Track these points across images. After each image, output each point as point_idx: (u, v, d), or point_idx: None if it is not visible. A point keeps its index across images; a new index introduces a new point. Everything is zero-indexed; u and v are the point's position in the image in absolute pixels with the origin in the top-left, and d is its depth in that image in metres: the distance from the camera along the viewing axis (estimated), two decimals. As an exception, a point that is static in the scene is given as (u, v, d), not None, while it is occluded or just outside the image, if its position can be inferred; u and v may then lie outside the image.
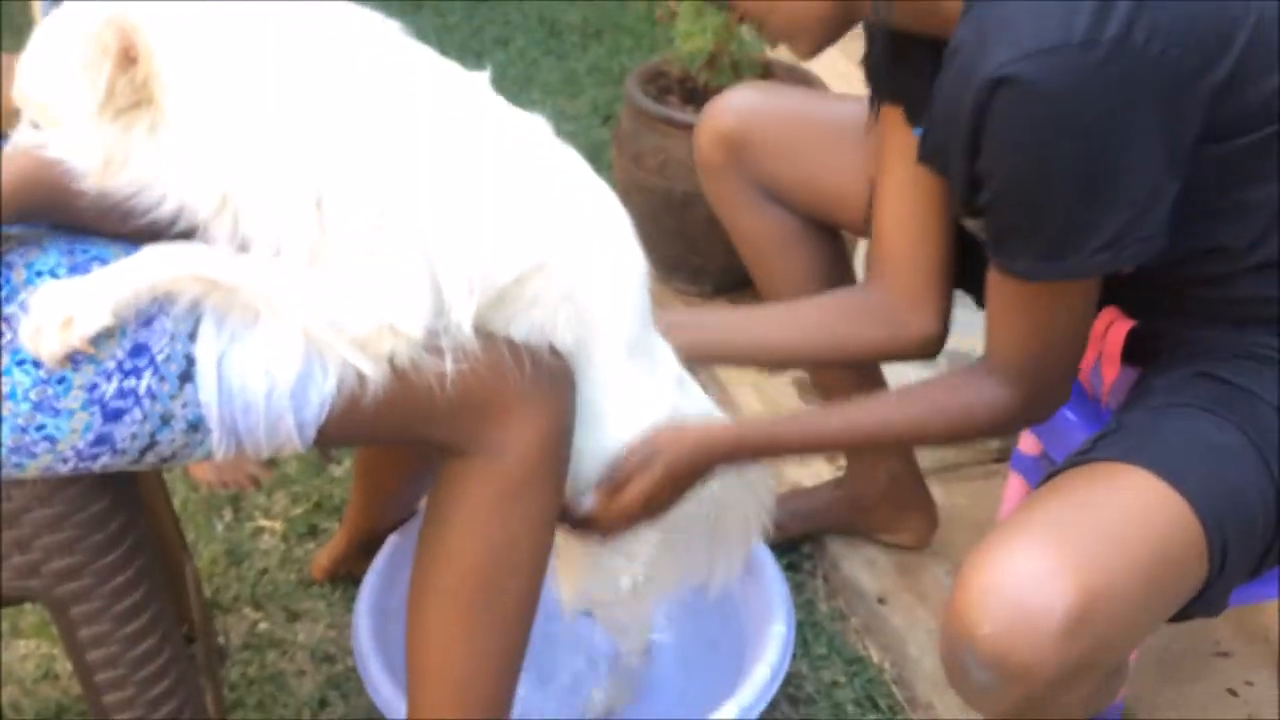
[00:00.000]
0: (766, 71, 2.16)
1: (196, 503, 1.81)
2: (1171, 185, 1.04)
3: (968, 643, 0.99)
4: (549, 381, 1.12)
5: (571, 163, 1.17)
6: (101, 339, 0.96)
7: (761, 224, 1.56)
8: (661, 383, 1.26)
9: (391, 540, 1.56)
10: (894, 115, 1.32)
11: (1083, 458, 1.11)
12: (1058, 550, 0.99)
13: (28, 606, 1.62)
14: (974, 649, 0.98)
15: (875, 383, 1.64)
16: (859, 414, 1.29)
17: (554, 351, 1.13)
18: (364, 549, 1.60)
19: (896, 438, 1.30)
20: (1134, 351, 1.27)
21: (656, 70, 2.33)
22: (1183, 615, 1.10)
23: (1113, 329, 1.26)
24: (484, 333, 1.08)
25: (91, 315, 0.93)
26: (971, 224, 1.21)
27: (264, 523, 1.79)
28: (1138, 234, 1.04)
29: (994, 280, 1.15)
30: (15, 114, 1.01)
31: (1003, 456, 1.91)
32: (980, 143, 1.04)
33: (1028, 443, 1.60)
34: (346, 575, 1.67)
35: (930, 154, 1.16)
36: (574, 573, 1.36)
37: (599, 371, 1.19)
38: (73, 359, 0.95)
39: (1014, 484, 1.65)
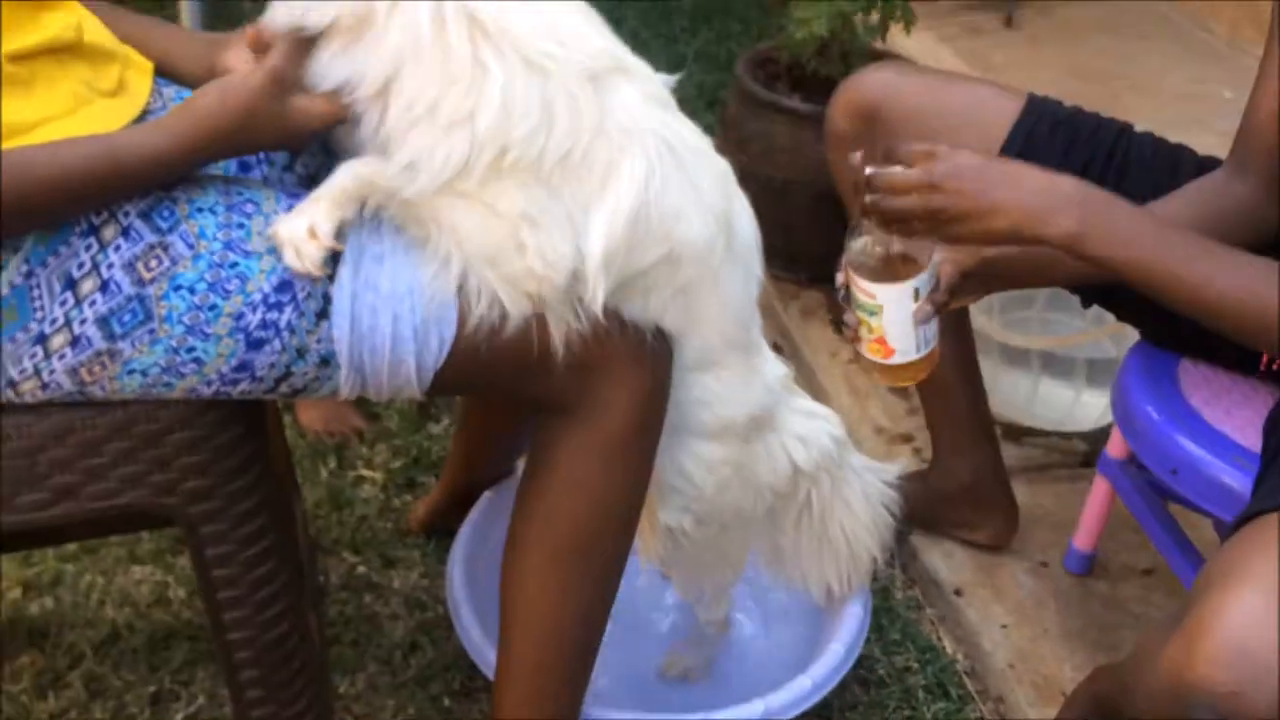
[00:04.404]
0: (876, 61, 2.18)
1: (304, 449, 1.89)
2: None
3: (1199, 693, 0.95)
4: (651, 353, 1.18)
5: (720, 171, 1.22)
6: (253, 274, 1.03)
7: None
8: (748, 384, 1.31)
9: (486, 496, 1.62)
10: None
11: None
12: None
13: (145, 534, 1.72)
14: (1207, 700, 0.94)
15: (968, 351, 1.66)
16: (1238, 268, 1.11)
17: (658, 331, 1.19)
18: (459, 503, 1.66)
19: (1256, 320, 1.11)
20: None
21: (766, 56, 2.36)
22: None
23: None
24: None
25: (325, 218, 1.05)
26: None
27: (365, 472, 1.87)
28: None
29: None
30: None
31: (1089, 460, 1.91)
32: None
33: (1116, 446, 1.61)
34: (441, 527, 1.74)
35: None
36: (650, 534, 1.41)
37: (687, 361, 1.24)
38: (225, 289, 1.02)
39: (1099, 487, 1.66)
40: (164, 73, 1.18)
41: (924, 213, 1.18)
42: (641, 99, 1.13)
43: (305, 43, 1.06)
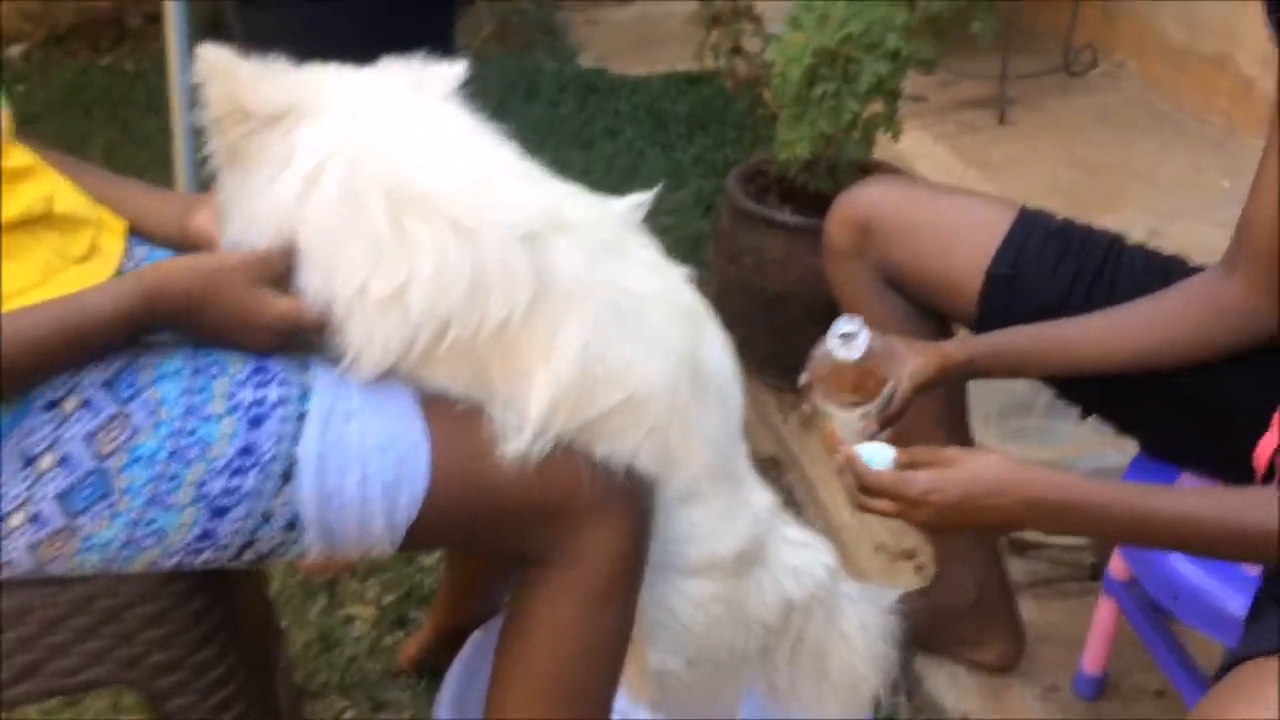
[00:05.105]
0: (864, 174, 2.19)
1: (293, 588, 1.87)
2: None
3: None
4: (626, 493, 1.16)
5: (682, 309, 1.21)
6: (215, 440, 1.02)
7: (879, 310, 1.58)
8: (736, 515, 1.28)
9: (475, 636, 1.59)
10: None
11: None
12: None
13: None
14: None
15: (963, 433, 1.64)
16: (1221, 501, 1.11)
17: (634, 471, 1.16)
18: (450, 641, 1.63)
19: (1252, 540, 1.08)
20: None
21: (756, 169, 2.37)
22: None
23: None
24: (564, 446, 1.12)
25: None
26: None
27: (356, 610, 1.85)
28: None
29: None
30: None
31: (1097, 573, 1.87)
32: None
33: (1118, 565, 1.57)
34: (432, 665, 1.70)
35: None
36: (639, 676, 1.37)
37: (670, 496, 1.22)
38: (186, 457, 1.01)
39: (1105, 608, 1.61)
40: (138, 231, 1.20)
41: (900, 515, 1.17)
42: (584, 255, 1.12)
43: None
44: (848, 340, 1.26)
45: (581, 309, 1.10)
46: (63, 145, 1.24)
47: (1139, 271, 1.47)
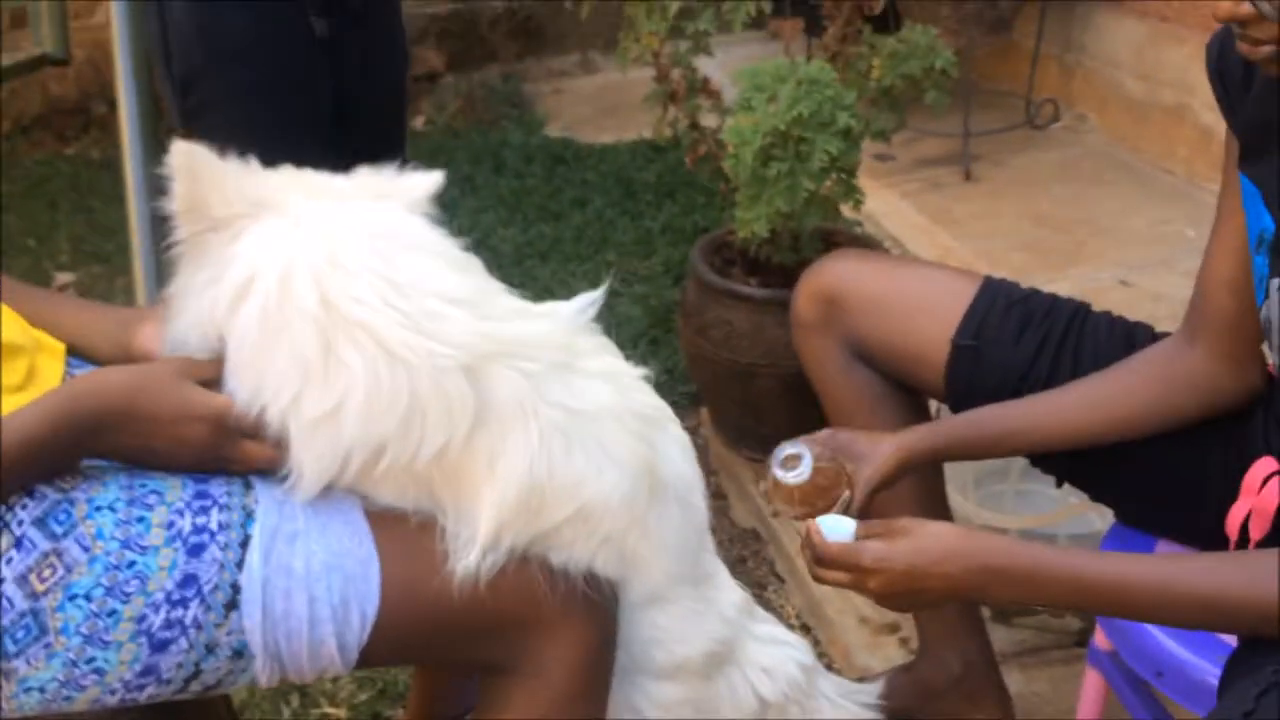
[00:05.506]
0: (827, 245, 2.18)
1: (264, 689, 1.82)
2: None
3: None
4: (586, 601, 1.13)
5: (636, 417, 1.18)
6: (153, 572, 0.99)
7: (849, 383, 1.59)
8: (702, 616, 1.25)
9: (449, 738, 1.55)
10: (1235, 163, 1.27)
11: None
12: None
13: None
14: None
15: (940, 509, 1.62)
16: (1166, 566, 1.11)
17: (596, 578, 1.14)
18: (425, 742, 1.59)
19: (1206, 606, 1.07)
20: None
21: (721, 241, 2.36)
22: None
23: (1271, 483, 1.20)
24: (517, 558, 1.10)
25: None
26: None
27: (329, 710, 1.80)
28: None
29: None
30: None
31: (1084, 639, 1.83)
32: None
33: (1102, 636, 1.54)
34: (408, 768, 1.66)
35: None
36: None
37: (633, 599, 1.19)
38: (124, 591, 0.98)
39: (1091, 680, 1.57)
40: (77, 352, 1.17)
41: (854, 587, 1.15)
42: (528, 378, 1.10)
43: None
44: (790, 465, 1.25)
45: (525, 431, 1.08)
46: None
47: (1103, 339, 1.47)
